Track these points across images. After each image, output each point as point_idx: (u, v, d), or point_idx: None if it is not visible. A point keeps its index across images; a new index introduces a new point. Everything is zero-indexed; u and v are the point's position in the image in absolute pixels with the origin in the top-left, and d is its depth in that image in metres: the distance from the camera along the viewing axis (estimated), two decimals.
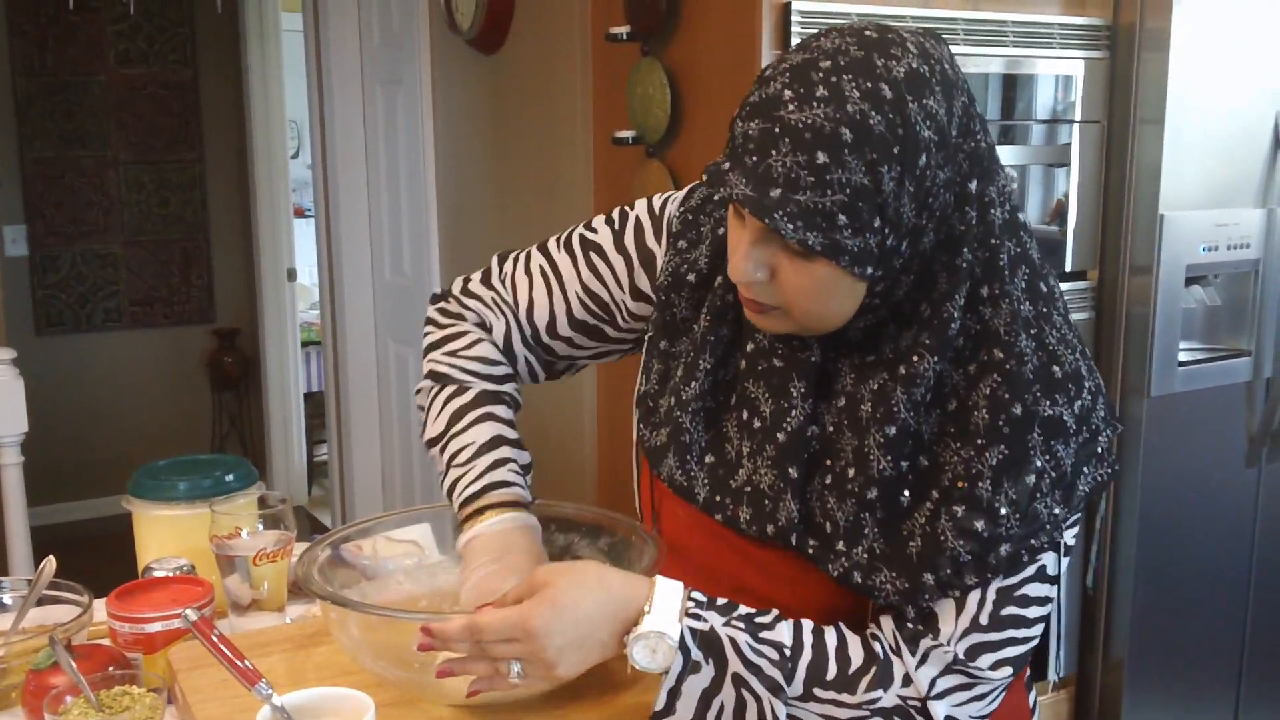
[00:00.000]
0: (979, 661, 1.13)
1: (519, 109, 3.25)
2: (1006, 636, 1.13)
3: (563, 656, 1.10)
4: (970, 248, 1.10)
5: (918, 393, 1.11)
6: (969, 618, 1.13)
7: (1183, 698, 2.94)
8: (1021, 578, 1.13)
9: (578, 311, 1.41)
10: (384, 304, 4.28)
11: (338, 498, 4.62)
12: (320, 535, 1.39)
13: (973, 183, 1.09)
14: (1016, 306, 1.11)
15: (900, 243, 1.07)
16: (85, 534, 5.05)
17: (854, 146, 1.01)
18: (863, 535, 1.15)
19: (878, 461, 1.13)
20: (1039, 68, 2.62)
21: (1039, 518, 1.11)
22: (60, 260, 5.47)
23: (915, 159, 1.03)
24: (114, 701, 1.24)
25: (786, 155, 1.02)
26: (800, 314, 1.11)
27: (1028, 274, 1.14)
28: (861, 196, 1.02)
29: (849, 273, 1.05)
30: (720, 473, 1.24)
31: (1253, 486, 2.91)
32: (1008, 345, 1.11)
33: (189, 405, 5.83)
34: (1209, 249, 2.70)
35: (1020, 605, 1.13)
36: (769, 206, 1.02)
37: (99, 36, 5.40)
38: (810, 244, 1.03)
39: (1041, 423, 1.11)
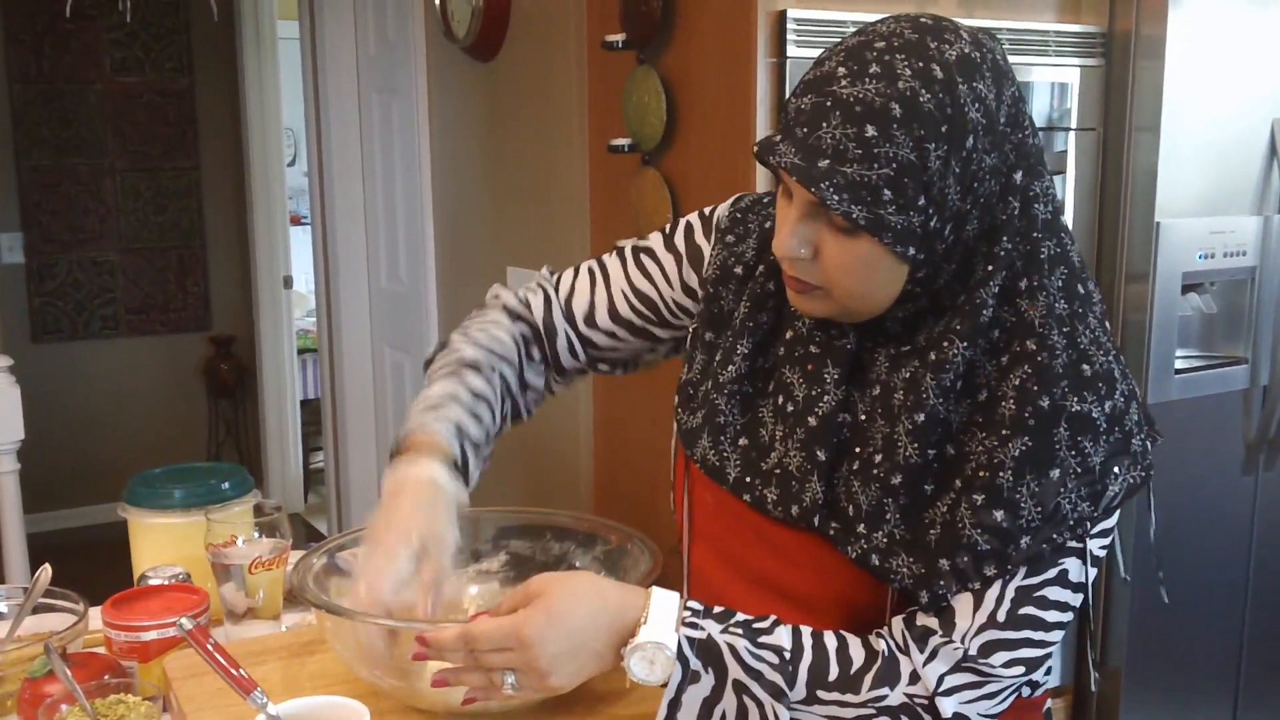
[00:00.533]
0: (992, 659, 1.12)
1: (515, 117, 3.25)
2: (1023, 637, 1.12)
3: (557, 666, 1.10)
4: (1010, 238, 1.11)
5: (946, 379, 1.12)
6: (986, 613, 1.12)
7: (1180, 706, 2.94)
8: (1042, 579, 1.12)
9: (623, 308, 1.44)
10: (380, 311, 4.27)
11: (334, 505, 4.62)
12: (316, 543, 1.39)
13: (1018, 174, 1.10)
14: (1052, 302, 1.12)
15: (944, 226, 1.08)
16: (81, 542, 5.05)
17: (903, 122, 1.03)
18: (884, 520, 1.15)
19: (905, 448, 1.13)
20: (1034, 75, 2.63)
21: (1062, 514, 1.10)
22: (56, 268, 5.47)
23: (962, 140, 1.05)
24: (109, 710, 1.24)
25: (836, 128, 1.04)
26: (842, 294, 1.12)
27: (1066, 274, 1.14)
28: (907, 172, 1.04)
29: (891, 251, 1.07)
30: (753, 455, 1.24)
31: (1250, 494, 2.91)
32: (1040, 338, 1.10)
33: (185, 413, 5.83)
34: (1205, 256, 2.70)
35: (1039, 607, 1.12)
36: (816, 176, 1.04)
37: (95, 44, 5.40)
38: (854, 217, 1.04)
39: (1069, 418, 1.10)
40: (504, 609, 1.13)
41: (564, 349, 1.47)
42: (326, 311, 4.44)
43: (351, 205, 4.26)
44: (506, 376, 1.44)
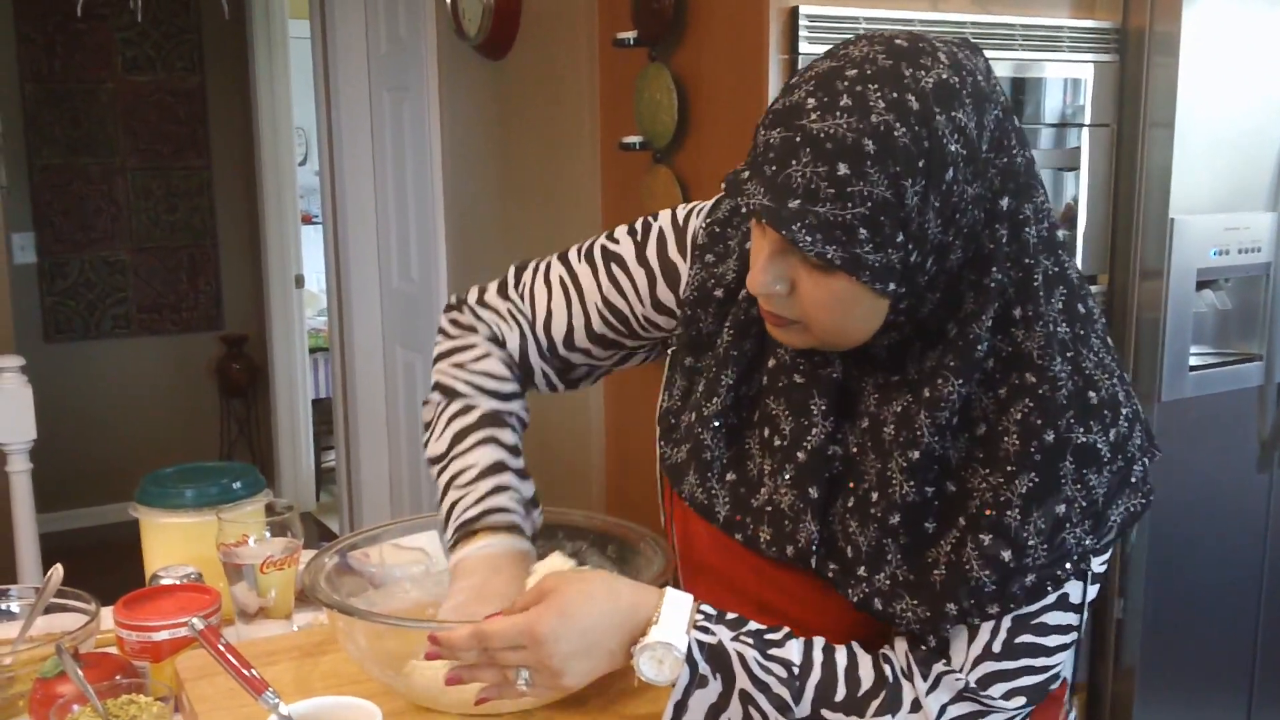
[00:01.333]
0: (991, 690, 1.10)
1: (526, 115, 3.24)
2: (1022, 665, 1.10)
3: (569, 665, 1.09)
4: (1000, 267, 1.06)
5: (942, 416, 1.08)
6: (981, 645, 1.10)
7: (1194, 705, 2.93)
8: (1041, 605, 1.09)
9: (596, 325, 1.39)
10: (392, 310, 4.27)
11: (345, 504, 4.62)
12: (328, 543, 1.39)
13: (1004, 199, 1.05)
14: (1051, 329, 1.07)
15: (925, 259, 1.03)
16: (93, 541, 5.06)
17: (877, 158, 0.97)
18: (885, 561, 1.11)
19: (900, 486, 1.10)
20: (1048, 71, 2.62)
21: (1065, 548, 1.07)
22: (68, 267, 5.48)
23: (941, 173, 0.99)
24: (121, 710, 1.24)
25: (807, 165, 0.99)
26: (820, 329, 1.08)
27: (1065, 294, 1.10)
28: (884, 210, 0.98)
29: (869, 288, 1.02)
30: (741, 491, 1.21)
31: (1264, 491, 2.90)
32: (1041, 369, 1.06)
33: (197, 412, 5.84)
34: (1220, 253, 2.69)
35: (1038, 634, 1.10)
36: (786, 218, 0.99)
37: (107, 43, 5.41)
38: (829, 257, 0.99)
39: (1074, 451, 1.06)
40: (518, 606, 1.12)
41: (541, 384, 1.46)
42: (338, 311, 4.44)
43: (363, 204, 4.26)
44: (520, 415, 1.45)
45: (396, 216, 4.12)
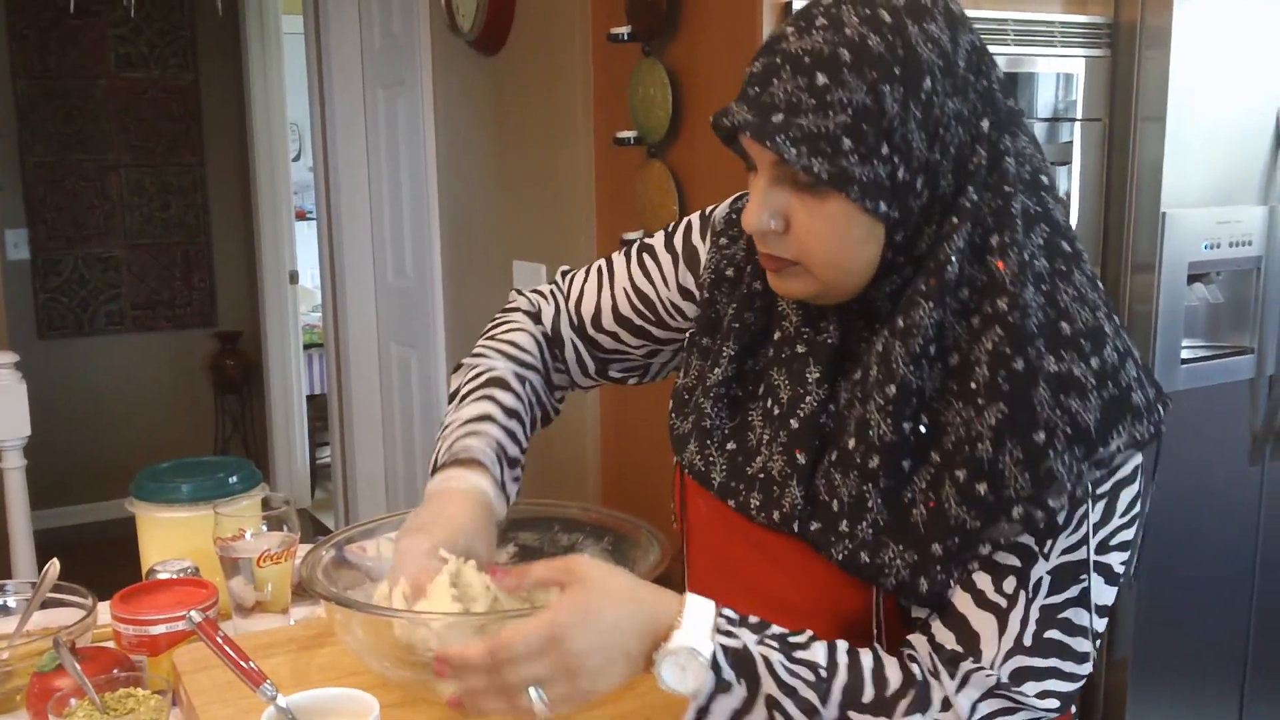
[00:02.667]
0: (1024, 687, 1.07)
1: (520, 110, 3.24)
2: (1052, 665, 1.07)
3: (586, 664, 1.03)
4: (978, 189, 1.06)
5: (915, 344, 1.06)
6: (1012, 638, 1.06)
7: (1187, 696, 2.94)
8: (1065, 597, 1.06)
9: (624, 307, 1.42)
10: (386, 306, 4.28)
11: (341, 500, 4.62)
12: (324, 537, 1.39)
13: (985, 122, 1.06)
14: (1026, 257, 1.05)
15: (914, 178, 1.03)
16: (89, 538, 5.06)
17: (853, 66, 1.00)
18: (866, 509, 1.10)
19: (878, 426, 1.08)
20: (1040, 66, 2.62)
21: (1055, 476, 1.02)
22: (62, 264, 5.47)
23: (918, 80, 1.01)
24: (119, 704, 1.24)
25: (787, 81, 1.02)
26: (818, 265, 1.08)
27: (1047, 232, 1.09)
28: (865, 117, 1.00)
29: (861, 207, 1.03)
30: (739, 459, 1.22)
31: (1256, 484, 2.90)
32: (1012, 296, 1.04)
33: (192, 409, 5.84)
34: (1211, 246, 2.70)
35: (1065, 632, 1.07)
36: (770, 130, 1.02)
37: (100, 40, 5.40)
38: (816, 171, 1.01)
39: (1048, 378, 1.03)
40: (535, 575, 1.10)
41: (572, 360, 1.47)
42: (332, 307, 4.44)
43: (357, 200, 4.26)
44: (535, 385, 1.44)
45: (391, 212, 4.12)
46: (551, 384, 1.48)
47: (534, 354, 1.45)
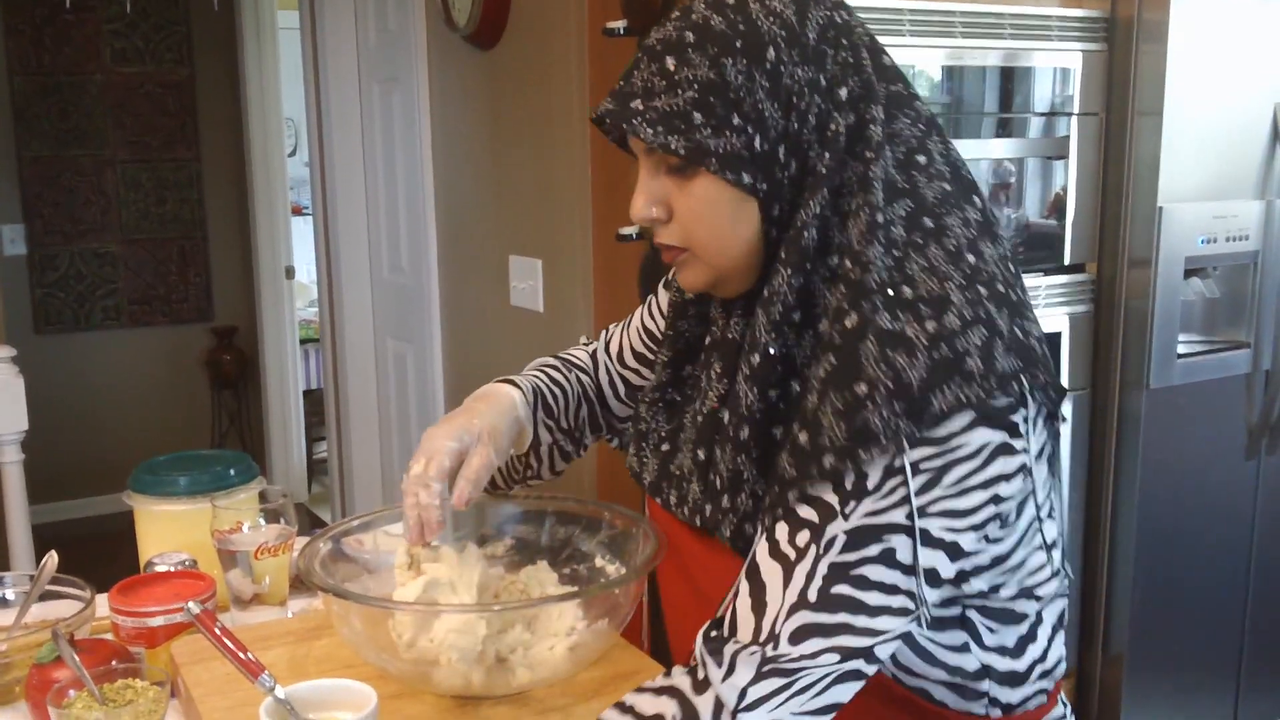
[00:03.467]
0: (804, 645, 1.00)
1: (516, 105, 3.25)
2: (841, 621, 1.00)
3: None
4: (835, 155, 1.07)
5: (775, 311, 1.08)
6: (796, 591, 1.01)
7: (1182, 691, 2.94)
8: (861, 555, 1.00)
9: (637, 345, 1.50)
10: (382, 301, 4.28)
11: (337, 494, 4.63)
12: (321, 529, 1.39)
13: (843, 90, 1.08)
14: (880, 220, 1.05)
15: (774, 148, 1.07)
16: (86, 532, 5.06)
17: (697, 45, 1.06)
18: (743, 482, 1.11)
19: (745, 396, 1.10)
20: (1036, 60, 2.63)
21: (872, 431, 0.98)
22: (58, 259, 5.47)
23: (761, 51, 1.06)
24: (117, 695, 1.25)
25: (644, 70, 1.09)
26: (701, 248, 1.12)
27: (911, 207, 1.08)
28: (710, 90, 1.05)
29: (724, 180, 1.06)
30: (668, 460, 1.26)
31: (1252, 479, 2.91)
32: (856, 254, 1.04)
33: (188, 404, 5.84)
34: (1207, 241, 2.70)
35: (857, 586, 1.00)
36: (628, 115, 1.08)
37: (95, 35, 5.40)
38: (673, 147, 1.06)
39: (877, 334, 1.00)
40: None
41: (605, 381, 1.53)
42: (328, 302, 4.44)
43: (353, 195, 4.26)
44: (584, 382, 1.52)
45: (387, 207, 4.12)
46: (604, 402, 1.54)
47: (587, 365, 1.55)
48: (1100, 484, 2.81)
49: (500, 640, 1.22)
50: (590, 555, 1.41)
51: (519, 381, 1.42)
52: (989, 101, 2.63)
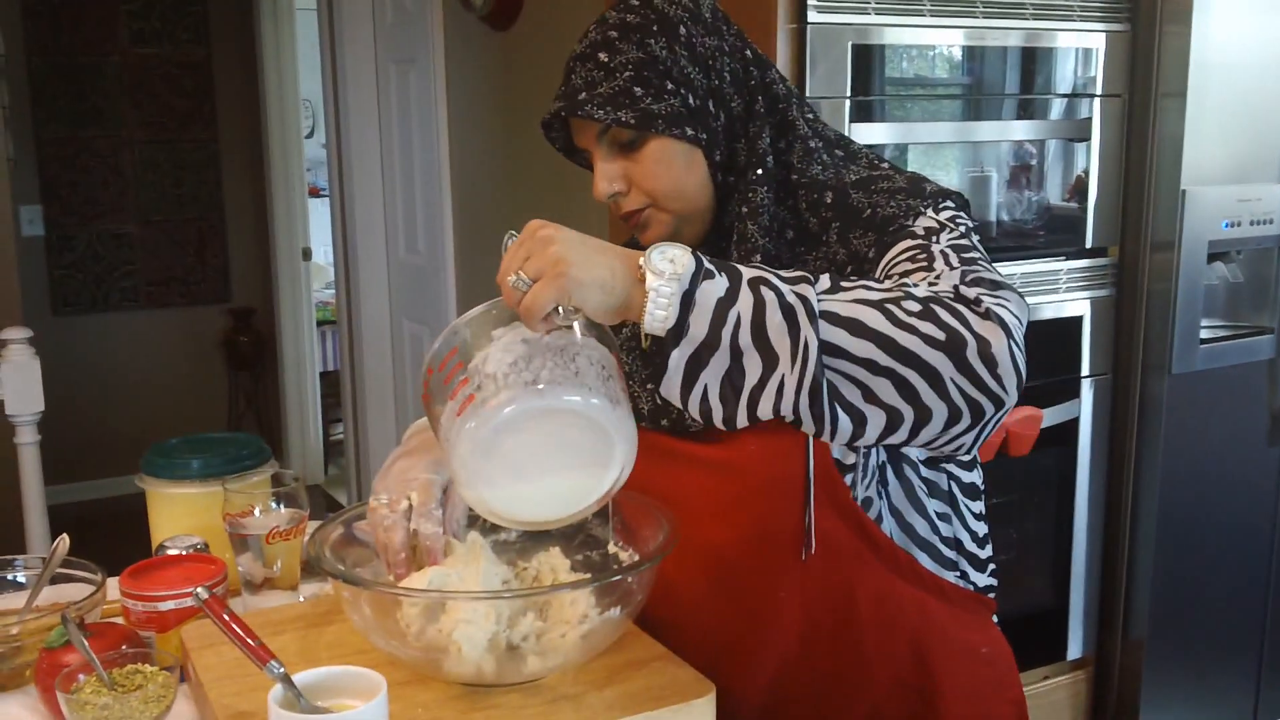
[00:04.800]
0: (979, 277, 1.12)
1: (532, 85, 3.23)
2: (989, 273, 1.14)
3: (572, 251, 1.02)
4: (764, 98, 1.32)
5: (764, 219, 1.28)
6: (951, 271, 1.14)
7: (1203, 677, 2.93)
8: (967, 256, 1.17)
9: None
10: (399, 283, 4.27)
11: (353, 476, 4.63)
12: (333, 514, 1.38)
13: (749, 51, 1.33)
14: (808, 145, 1.32)
15: (705, 102, 1.28)
16: (101, 513, 5.07)
17: (623, 37, 1.28)
18: None
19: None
20: (1059, 41, 2.60)
21: (889, 216, 1.24)
22: (76, 240, 5.48)
23: (675, 29, 1.28)
24: (126, 680, 1.24)
25: (581, 71, 1.29)
26: (663, 199, 1.30)
27: (821, 144, 1.34)
28: (644, 67, 1.26)
29: (671, 136, 1.27)
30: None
31: (1274, 464, 2.89)
32: (802, 170, 1.31)
33: (205, 385, 5.84)
34: (1231, 225, 2.67)
35: (984, 268, 1.15)
36: (580, 104, 1.27)
37: (112, 16, 5.39)
38: (625, 120, 1.25)
39: (854, 185, 1.28)
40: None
41: None
42: (345, 283, 4.43)
43: (369, 177, 4.25)
44: None
45: (403, 189, 4.11)
46: None
47: None
48: (1121, 470, 2.79)
49: (512, 628, 1.21)
50: (603, 541, 1.39)
51: None
52: (1010, 83, 2.60)
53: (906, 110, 2.50)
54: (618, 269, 1.03)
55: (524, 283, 1.02)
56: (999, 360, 1.01)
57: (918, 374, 1.01)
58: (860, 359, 1.01)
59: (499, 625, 1.20)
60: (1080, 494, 2.80)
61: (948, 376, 1.01)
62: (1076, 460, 2.78)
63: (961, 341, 1.01)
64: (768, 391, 1.02)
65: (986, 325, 1.02)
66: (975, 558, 1.36)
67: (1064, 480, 2.79)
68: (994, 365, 1.01)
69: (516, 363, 1.07)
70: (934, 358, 1.00)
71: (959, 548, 1.35)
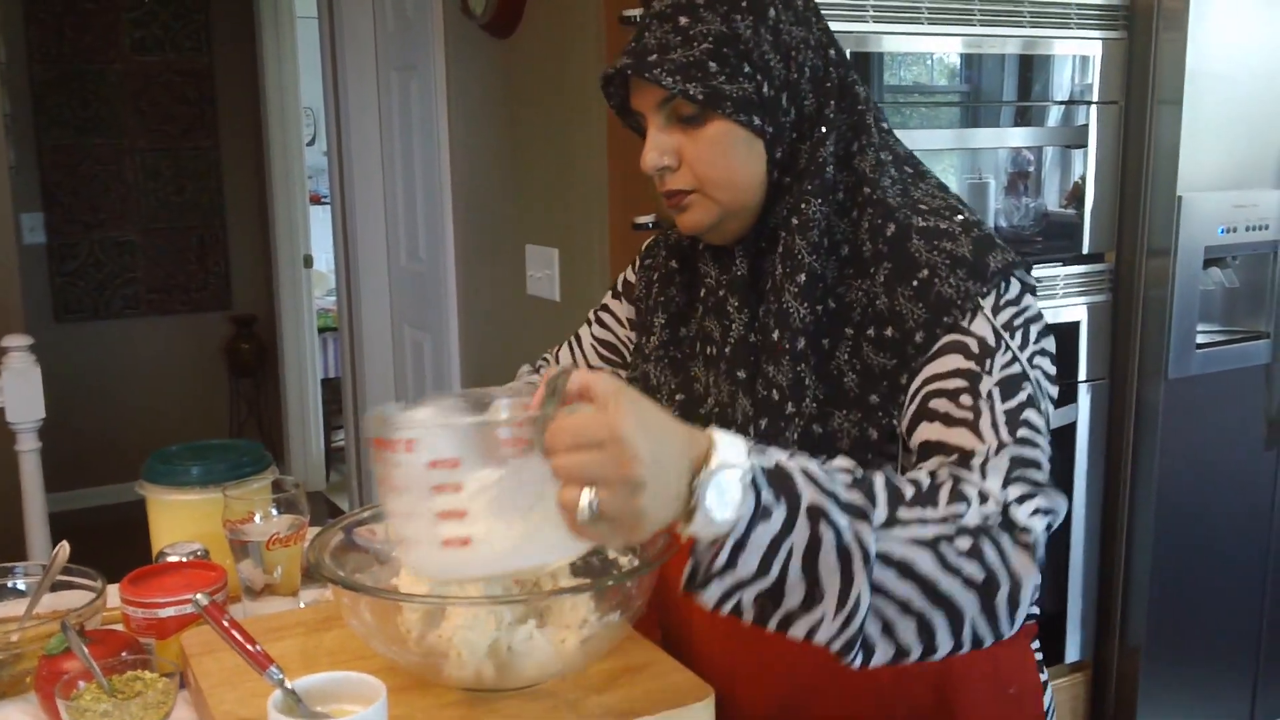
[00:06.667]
0: (1027, 473, 1.09)
1: (533, 93, 3.24)
2: (1034, 457, 1.11)
3: (649, 473, 0.89)
4: (838, 102, 1.24)
5: (812, 235, 1.21)
6: (993, 434, 1.10)
7: (1199, 682, 2.93)
8: (1017, 402, 1.13)
9: (594, 360, 1.58)
10: (400, 290, 4.28)
11: (355, 483, 4.64)
12: (333, 520, 1.39)
13: (832, 50, 1.25)
14: (883, 158, 1.25)
15: (779, 95, 1.21)
16: (102, 520, 5.07)
17: (708, 5, 1.20)
18: (805, 388, 1.22)
19: (796, 312, 1.21)
20: (1056, 48, 2.60)
21: (946, 298, 1.16)
22: (78, 248, 5.49)
23: (764, 10, 1.20)
24: (126, 686, 1.24)
25: (656, 30, 1.21)
26: (712, 187, 1.23)
27: (891, 158, 1.27)
28: (724, 42, 1.19)
29: (737, 122, 1.19)
30: (690, 405, 1.32)
31: (1271, 469, 2.89)
32: (874, 181, 1.23)
33: (207, 392, 5.85)
34: (1227, 230, 2.68)
35: (1031, 429, 1.12)
36: (649, 66, 1.19)
37: (115, 24, 5.40)
38: (692, 94, 1.18)
39: (919, 231, 1.20)
40: (536, 401, 0.97)
41: None
42: (346, 290, 4.44)
43: (371, 184, 4.26)
44: None
45: (404, 196, 4.12)
46: None
47: None
48: (1118, 474, 2.80)
49: (511, 633, 1.21)
50: (603, 547, 1.40)
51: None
52: (1007, 90, 2.61)
53: (904, 117, 2.51)
54: (676, 495, 0.93)
55: (592, 512, 0.90)
56: (1021, 601, 1.02)
57: (943, 615, 1.00)
58: (898, 599, 0.99)
59: (499, 630, 1.20)
60: (1077, 498, 2.81)
61: (970, 617, 1.00)
62: (1074, 465, 2.78)
63: (996, 585, 1.01)
64: (805, 620, 0.98)
65: (1023, 560, 1.02)
66: None
67: (1061, 484, 2.79)
68: (1015, 607, 1.02)
69: (500, 500, 1.03)
70: (965, 600, 1.00)
71: None
